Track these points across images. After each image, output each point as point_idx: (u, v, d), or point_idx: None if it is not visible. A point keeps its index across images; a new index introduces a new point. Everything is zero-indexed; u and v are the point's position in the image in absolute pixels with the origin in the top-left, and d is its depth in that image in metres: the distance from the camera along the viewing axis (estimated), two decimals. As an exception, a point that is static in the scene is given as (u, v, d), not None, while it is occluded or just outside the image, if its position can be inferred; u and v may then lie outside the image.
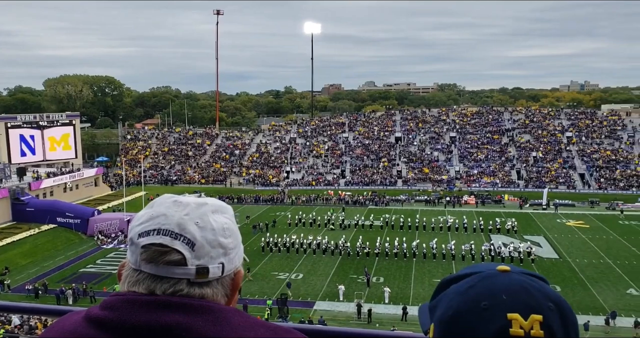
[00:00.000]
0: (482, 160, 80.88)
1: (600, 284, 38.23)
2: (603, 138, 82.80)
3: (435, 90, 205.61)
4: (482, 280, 1.16)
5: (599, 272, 40.77)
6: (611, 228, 54.09)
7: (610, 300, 35.02)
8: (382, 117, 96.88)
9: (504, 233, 51.94)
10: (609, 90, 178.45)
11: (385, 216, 57.82)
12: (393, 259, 44.35)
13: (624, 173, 73.87)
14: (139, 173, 77.50)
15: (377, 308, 33.91)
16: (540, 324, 1.07)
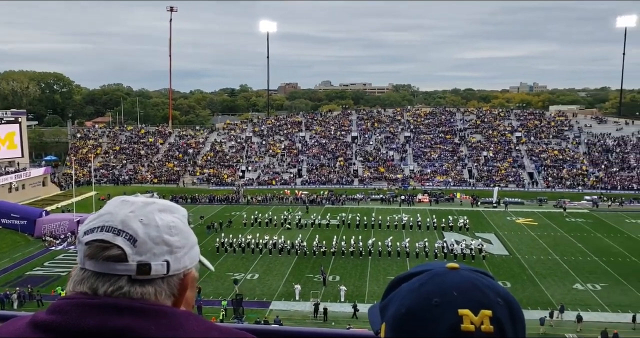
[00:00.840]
0: (436, 160, 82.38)
1: (548, 279, 39.52)
2: (551, 138, 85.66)
3: (390, 90, 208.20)
4: (433, 277, 1.17)
5: (547, 268, 42.13)
6: (558, 226, 56.01)
7: (557, 295, 36.23)
8: (338, 117, 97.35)
9: (457, 231, 53.03)
10: (556, 92, 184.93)
11: (342, 215, 58.11)
12: (349, 258, 44.62)
13: (571, 173, 76.63)
14: (89, 172, 75.33)
15: (333, 307, 34.02)
16: (490, 319, 1.09)
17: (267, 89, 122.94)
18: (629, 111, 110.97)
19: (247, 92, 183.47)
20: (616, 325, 30.79)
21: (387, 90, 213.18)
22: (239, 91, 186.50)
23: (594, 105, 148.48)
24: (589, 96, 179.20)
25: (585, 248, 47.46)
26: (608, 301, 35.15)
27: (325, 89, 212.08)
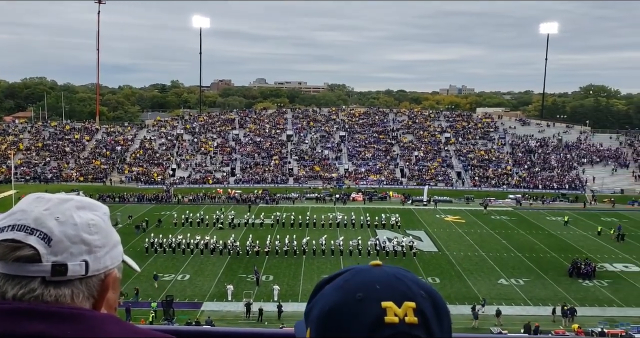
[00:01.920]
0: (369, 159, 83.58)
1: (475, 275, 40.88)
2: (477, 139, 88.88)
3: (326, 90, 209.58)
4: (356, 274, 1.18)
5: (473, 264, 43.58)
6: (484, 223, 58.13)
7: (483, 290, 37.53)
8: (273, 115, 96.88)
9: (389, 229, 53.97)
10: (483, 95, 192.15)
11: (276, 214, 57.80)
12: (283, 257, 44.42)
13: (496, 172, 79.79)
14: (9, 170, 71.15)
15: (267, 307, 33.75)
16: (413, 311, 1.10)
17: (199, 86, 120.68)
18: (550, 114, 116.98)
19: (178, 88, 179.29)
20: (538, 318, 32.24)
21: (323, 89, 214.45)
22: (170, 87, 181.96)
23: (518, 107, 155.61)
24: (514, 99, 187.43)
25: (509, 244, 49.48)
26: (530, 295, 36.75)
27: (260, 86, 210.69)
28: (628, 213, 64.42)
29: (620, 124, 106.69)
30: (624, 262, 44.52)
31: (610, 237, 51.85)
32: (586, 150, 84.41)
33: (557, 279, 39.85)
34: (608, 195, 71.84)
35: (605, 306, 35.08)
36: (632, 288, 38.21)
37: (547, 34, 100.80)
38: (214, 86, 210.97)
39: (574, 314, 32.30)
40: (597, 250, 47.70)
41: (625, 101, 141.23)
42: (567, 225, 57.17)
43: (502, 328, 30.61)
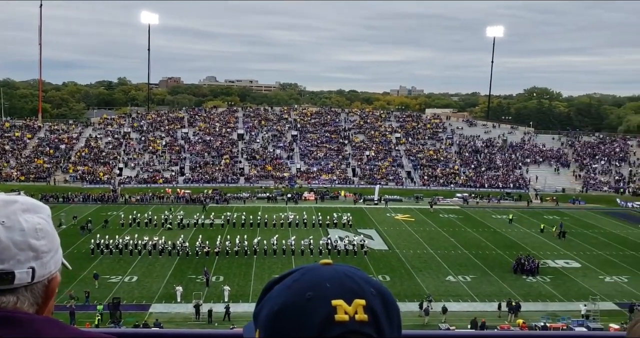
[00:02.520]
0: (321, 158, 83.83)
1: (423, 272, 41.62)
2: (427, 139, 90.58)
3: (278, 89, 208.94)
4: (306, 273, 1.17)
5: (422, 262, 44.36)
6: (433, 221, 59.28)
7: (432, 287, 38.25)
8: (224, 113, 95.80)
9: (340, 228, 54.28)
10: (432, 96, 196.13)
11: (227, 214, 57.18)
12: (234, 257, 43.98)
13: (444, 171, 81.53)
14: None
15: (217, 308, 33.34)
16: (363, 308, 1.10)
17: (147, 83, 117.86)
18: (495, 115, 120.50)
19: (126, 85, 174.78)
20: (484, 314, 33.10)
21: (274, 88, 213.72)
22: (117, 84, 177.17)
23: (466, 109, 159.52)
24: (461, 101, 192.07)
25: (456, 242, 50.63)
26: (477, 291, 37.71)
27: (210, 84, 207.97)
28: (569, 211, 67.08)
29: (562, 126, 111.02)
30: (565, 258, 46.31)
31: (552, 234, 53.83)
32: (530, 150, 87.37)
33: (502, 275, 41.05)
34: (550, 194, 74.61)
35: (548, 301, 36.38)
36: (572, 284, 39.79)
37: (493, 37, 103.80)
38: (163, 84, 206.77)
39: (519, 309, 33.35)
40: (540, 247, 49.43)
41: (567, 103, 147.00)
42: (512, 223, 59.00)
43: (449, 325, 31.25)
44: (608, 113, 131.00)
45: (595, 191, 76.80)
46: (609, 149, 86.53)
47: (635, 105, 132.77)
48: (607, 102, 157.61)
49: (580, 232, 55.50)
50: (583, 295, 36.65)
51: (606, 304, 35.40)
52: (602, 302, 35.25)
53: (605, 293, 37.63)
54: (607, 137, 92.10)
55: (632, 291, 38.15)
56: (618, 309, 34.75)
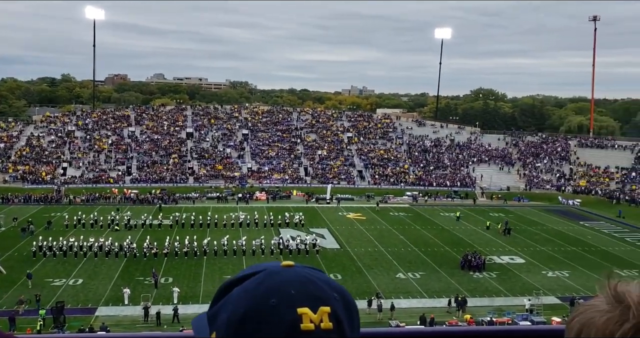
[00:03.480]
0: (273, 158, 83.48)
1: (374, 270, 42.08)
2: (378, 139, 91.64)
3: (228, 87, 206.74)
4: (268, 277, 1.13)
5: (373, 260, 44.84)
6: (384, 219, 60.02)
7: (382, 284, 38.72)
8: (172, 112, 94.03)
9: (292, 227, 54.22)
10: (383, 96, 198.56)
11: (175, 214, 56.18)
12: (183, 258, 43.25)
13: (394, 170, 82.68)
14: None
15: (166, 310, 32.71)
16: (329, 315, 1.08)
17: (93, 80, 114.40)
18: (443, 115, 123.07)
19: (70, 82, 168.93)
20: (433, 310, 33.76)
21: (225, 86, 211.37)
22: (60, 81, 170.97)
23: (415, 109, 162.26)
24: (411, 101, 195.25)
25: (406, 240, 51.44)
26: (426, 288, 38.43)
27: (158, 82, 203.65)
28: (513, 209, 69.24)
29: (507, 126, 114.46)
30: (510, 254, 47.78)
31: (497, 231, 55.44)
32: (476, 150, 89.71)
33: (450, 272, 41.97)
34: (496, 192, 76.83)
35: (494, 296, 37.44)
36: (517, 279, 41.09)
37: (441, 39, 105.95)
38: (109, 81, 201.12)
39: (466, 305, 34.18)
40: (486, 244, 50.82)
41: (511, 104, 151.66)
42: (459, 220, 60.42)
43: (399, 321, 31.69)
44: (550, 114, 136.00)
45: (539, 189, 79.60)
46: (551, 148, 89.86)
47: (575, 107, 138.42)
48: (550, 103, 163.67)
49: (524, 229, 57.38)
50: (527, 290, 37.91)
51: (549, 298, 36.75)
52: (545, 297, 36.59)
53: (548, 287, 39.05)
54: (550, 137, 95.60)
55: (573, 285, 39.74)
56: (560, 303, 36.12)
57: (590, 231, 57.96)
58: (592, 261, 46.04)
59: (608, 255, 48.20)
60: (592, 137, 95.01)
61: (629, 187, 76.73)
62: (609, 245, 51.74)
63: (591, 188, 77.76)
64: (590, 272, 42.75)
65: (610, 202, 72.77)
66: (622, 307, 0.99)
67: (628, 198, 72.95)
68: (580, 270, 43.31)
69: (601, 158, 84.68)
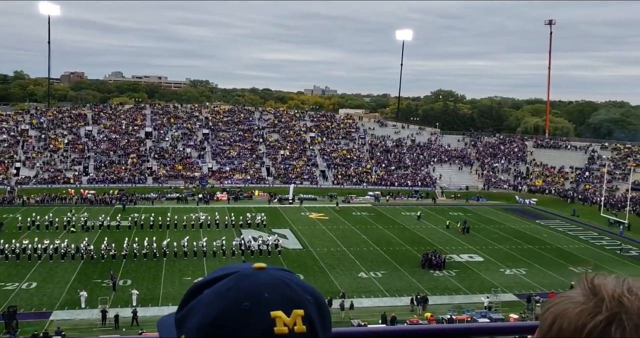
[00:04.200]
0: (235, 158, 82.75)
1: (337, 270, 42.19)
2: (340, 139, 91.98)
3: (188, 85, 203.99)
4: (241, 280, 1.11)
5: (335, 259, 44.96)
6: (346, 219, 60.26)
7: (345, 284, 38.85)
8: (130, 110, 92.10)
9: (254, 228, 53.85)
10: (345, 96, 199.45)
11: (134, 215, 55.05)
12: (142, 260, 42.42)
13: (357, 170, 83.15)
14: None
15: (125, 312, 32.02)
16: (302, 319, 1.07)
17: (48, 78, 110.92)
18: (405, 116, 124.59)
19: (23, 79, 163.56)
20: (394, 308, 34.08)
21: (185, 85, 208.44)
22: (13, 78, 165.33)
23: (377, 109, 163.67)
24: (373, 102, 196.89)
25: (368, 239, 51.77)
26: (387, 287, 38.75)
27: (116, 80, 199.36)
28: (472, 208, 70.58)
29: (466, 127, 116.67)
30: (469, 252, 48.66)
31: (457, 230, 56.39)
32: (436, 150, 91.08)
33: (411, 270, 42.45)
34: (455, 191, 78.18)
35: (454, 294, 38.05)
36: (476, 277, 41.86)
37: (402, 40, 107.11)
38: (65, 79, 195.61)
39: (427, 303, 34.62)
40: (446, 243, 51.63)
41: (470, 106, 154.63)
42: (420, 219, 61.21)
43: (361, 321, 31.84)
44: (508, 115, 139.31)
45: (496, 189, 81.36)
46: (508, 149, 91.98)
47: (532, 108, 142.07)
48: (507, 104, 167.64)
49: (482, 228, 58.54)
50: (486, 288, 38.66)
51: (507, 296, 37.58)
52: (503, 294, 37.40)
53: (506, 285, 39.92)
54: (507, 137, 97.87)
55: (530, 282, 40.75)
56: (517, 300, 36.98)
57: (545, 229, 59.59)
58: (547, 259, 47.34)
59: (563, 252, 49.64)
60: (547, 138, 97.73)
61: (582, 186, 79.24)
62: (563, 243, 53.30)
63: (547, 188, 79.98)
64: (546, 270, 43.96)
65: (564, 201, 74.98)
66: (596, 300, 1.00)
67: (581, 197, 75.33)
68: (536, 268, 44.46)
69: (556, 158, 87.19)
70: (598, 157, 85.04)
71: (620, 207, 66.37)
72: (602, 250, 51.53)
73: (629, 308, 0.96)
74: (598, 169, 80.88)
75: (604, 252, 50.59)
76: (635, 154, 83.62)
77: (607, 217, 62.85)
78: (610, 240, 55.29)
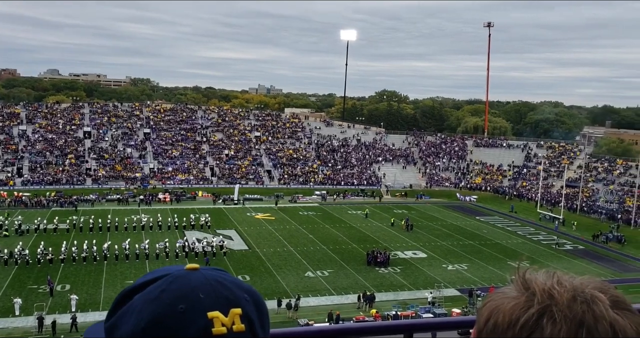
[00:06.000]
0: (177, 157, 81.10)
1: (283, 270, 42.06)
2: (286, 138, 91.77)
3: (128, 83, 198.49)
4: (174, 282, 1.07)
5: (282, 259, 44.81)
6: (292, 219, 60.17)
7: (292, 283, 38.79)
8: (68, 109, 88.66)
9: (198, 229, 52.94)
10: (291, 96, 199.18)
11: (73, 218, 53.05)
12: (81, 264, 40.96)
13: (303, 170, 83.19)
14: None
15: (63, 319, 30.82)
16: (240, 317, 1.06)
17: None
18: (350, 116, 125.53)
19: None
20: (341, 306, 34.29)
21: (125, 83, 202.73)
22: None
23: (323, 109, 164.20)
24: (319, 101, 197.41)
25: (315, 238, 51.89)
26: (334, 285, 38.96)
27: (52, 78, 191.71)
28: (415, 205, 71.96)
29: (409, 126, 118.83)
30: (413, 249, 49.59)
31: (401, 227, 57.36)
32: (381, 149, 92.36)
33: (357, 268, 42.84)
34: (399, 190, 79.52)
35: (399, 290, 38.68)
36: (419, 273, 42.70)
37: (347, 40, 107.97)
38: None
39: (373, 300, 35.01)
40: (391, 240, 52.42)
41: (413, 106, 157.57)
42: (367, 218, 61.89)
43: (308, 320, 31.85)
44: (449, 115, 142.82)
45: (438, 186, 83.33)
46: (449, 148, 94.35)
47: (471, 108, 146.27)
48: (448, 105, 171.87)
49: (425, 225, 59.80)
50: (429, 283, 39.52)
51: (449, 291, 38.52)
52: (445, 289, 38.33)
53: (448, 280, 40.93)
54: (448, 137, 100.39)
55: (471, 277, 41.93)
56: (459, 295, 37.96)
57: (485, 225, 61.49)
58: (487, 254, 48.86)
59: (502, 247, 51.35)
60: (486, 137, 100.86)
61: (519, 183, 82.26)
62: (502, 239, 55.16)
63: (486, 185, 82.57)
64: (486, 265, 45.37)
65: (503, 197, 77.62)
66: (528, 294, 1.03)
67: (516, 193, 78.17)
68: (477, 263, 45.79)
69: (495, 157, 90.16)
70: (534, 155, 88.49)
71: (555, 203, 69.33)
72: (539, 244, 53.66)
73: (558, 300, 1.00)
74: (534, 166, 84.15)
75: (541, 247, 52.70)
76: (569, 152, 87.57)
77: (543, 212, 65.50)
78: (546, 235, 57.65)
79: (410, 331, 1.94)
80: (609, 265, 47.20)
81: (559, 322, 0.97)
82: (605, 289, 1.04)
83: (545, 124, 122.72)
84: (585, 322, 0.96)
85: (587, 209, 68.24)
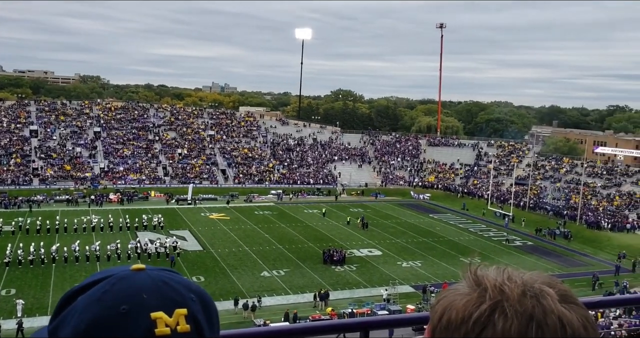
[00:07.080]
0: (128, 157, 79.24)
1: (239, 270, 41.71)
2: (241, 137, 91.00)
3: (77, 81, 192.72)
4: (117, 282, 1.05)
5: (237, 259, 44.44)
6: (248, 218, 59.75)
7: (247, 284, 38.52)
8: (13, 107, 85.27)
9: (151, 230, 51.88)
10: (245, 94, 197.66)
11: (18, 220, 51.07)
12: (28, 267, 39.49)
13: (259, 169, 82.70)
14: None
15: (8, 324, 29.69)
16: (185, 318, 1.03)
17: None
18: (306, 115, 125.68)
19: None
20: (297, 305, 34.29)
21: (74, 80, 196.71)
22: None
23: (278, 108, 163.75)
24: (274, 100, 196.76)
25: (271, 238, 51.69)
26: (290, 284, 38.91)
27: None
28: (371, 204, 72.68)
29: (364, 126, 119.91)
30: (368, 247, 50.06)
31: (357, 225, 57.80)
32: (337, 148, 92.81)
33: (313, 267, 42.93)
34: (355, 188, 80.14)
35: (354, 288, 38.98)
36: (375, 270, 43.14)
37: (302, 39, 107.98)
38: None
39: (328, 298, 35.15)
40: (347, 238, 52.76)
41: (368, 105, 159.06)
42: (325, 216, 62.08)
43: (265, 319, 31.70)
44: (403, 115, 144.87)
45: (393, 185, 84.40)
46: (404, 147, 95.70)
47: (425, 108, 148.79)
48: (402, 104, 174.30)
49: (380, 223, 60.46)
50: (384, 281, 39.97)
51: (404, 287, 39.08)
52: (400, 286, 38.84)
53: (403, 277, 41.52)
54: (402, 136, 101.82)
55: (425, 274, 42.67)
56: (414, 291, 38.57)
57: (438, 223, 62.68)
58: (441, 251, 49.82)
59: (454, 244, 52.45)
60: (439, 136, 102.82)
61: (471, 181, 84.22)
62: (455, 236, 56.35)
63: (439, 183, 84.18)
64: (440, 261, 46.25)
65: (455, 195, 79.31)
66: (480, 290, 1.05)
67: (467, 191, 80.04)
68: (430, 260, 46.63)
69: (447, 155, 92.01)
70: (485, 154, 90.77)
71: (504, 201, 71.31)
72: (490, 241, 55.09)
73: (509, 296, 1.02)
74: (485, 165, 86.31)
75: (492, 243, 54.12)
76: (518, 151, 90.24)
77: (494, 210, 67.27)
78: (496, 232, 59.22)
79: (366, 328, 1.94)
80: (556, 260, 48.91)
81: (510, 317, 0.99)
82: (553, 284, 1.06)
83: (495, 123, 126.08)
84: (534, 316, 0.99)
85: (534, 206, 70.49)
